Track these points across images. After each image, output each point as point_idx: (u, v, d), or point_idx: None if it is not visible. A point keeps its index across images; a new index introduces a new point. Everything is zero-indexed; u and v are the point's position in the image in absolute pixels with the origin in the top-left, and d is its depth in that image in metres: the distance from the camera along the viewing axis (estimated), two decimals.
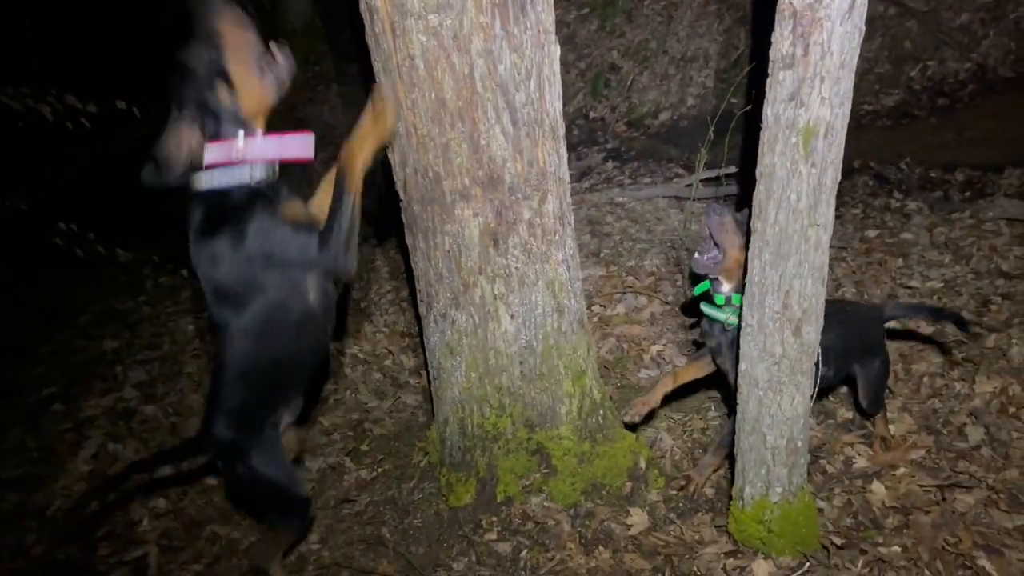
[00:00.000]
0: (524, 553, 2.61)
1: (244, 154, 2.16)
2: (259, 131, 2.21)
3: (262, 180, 2.19)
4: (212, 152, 2.15)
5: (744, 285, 2.28)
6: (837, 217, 5.03)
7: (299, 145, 2.25)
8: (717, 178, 4.96)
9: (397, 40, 2.16)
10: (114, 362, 4.53)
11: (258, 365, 2.32)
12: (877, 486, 2.77)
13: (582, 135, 7.58)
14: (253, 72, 2.17)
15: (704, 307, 2.69)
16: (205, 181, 2.17)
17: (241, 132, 2.16)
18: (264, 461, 2.41)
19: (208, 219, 2.20)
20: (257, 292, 2.23)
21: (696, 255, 2.59)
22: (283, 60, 2.22)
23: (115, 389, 4.23)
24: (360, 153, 2.25)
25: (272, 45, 2.22)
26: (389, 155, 2.47)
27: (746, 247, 2.24)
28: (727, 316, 2.59)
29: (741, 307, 2.35)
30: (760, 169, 2.02)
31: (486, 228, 2.40)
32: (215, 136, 2.15)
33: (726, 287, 2.61)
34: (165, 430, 3.80)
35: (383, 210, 2.57)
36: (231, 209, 2.17)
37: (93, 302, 5.30)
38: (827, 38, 1.77)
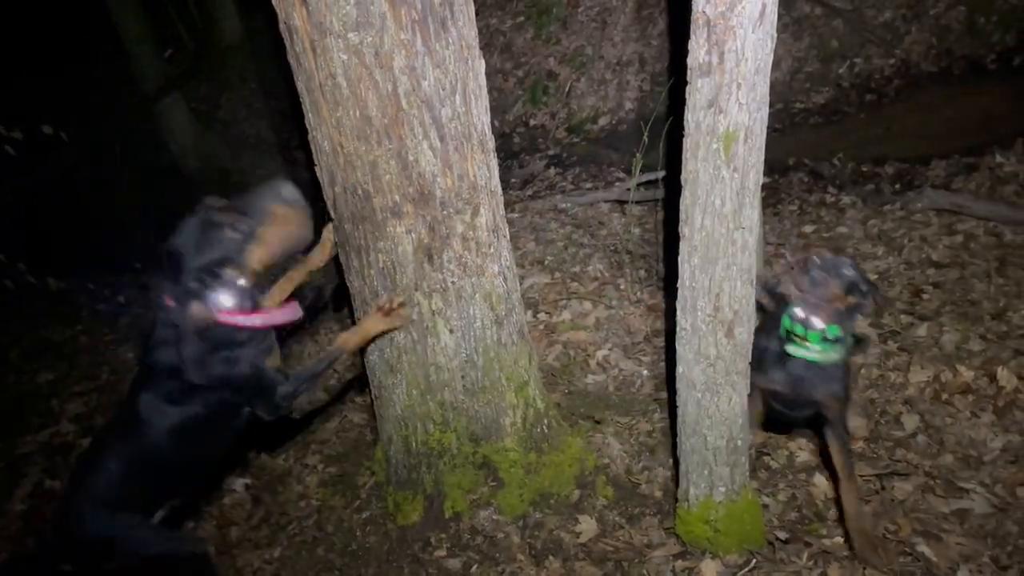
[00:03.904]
0: (474, 568, 2.60)
1: (246, 322, 2.26)
2: (258, 295, 2.33)
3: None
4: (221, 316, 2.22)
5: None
6: (775, 214, 5.17)
7: (289, 313, 2.40)
8: (655, 181, 5.01)
9: (318, 59, 2.14)
10: (50, 395, 4.39)
11: (170, 460, 2.35)
12: (819, 479, 2.82)
13: (523, 143, 7.61)
14: (281, 253, 2.30)
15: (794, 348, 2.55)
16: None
17: (247, 305, 2.26)
18: (137, 545, 2.36)
19: (212, 340, 2.24)
20: (210, 397, 2.29)
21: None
22: (295, 209, 2.28)
23: (51, 423, 4.11)
24: (355, 342, 2.51)
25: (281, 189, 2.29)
26: (317, 173, 2.44)
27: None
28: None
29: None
30: (685, 175, 2.04)
31: (419, 244, 2.39)
32: (221, 307, 2.22)
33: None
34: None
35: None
36: (232, 338, 2.26)
37: (24, 335, 5.13)
38: (741, 45, 1.80)
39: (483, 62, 2.33)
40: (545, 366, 3.69)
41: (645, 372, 3.59)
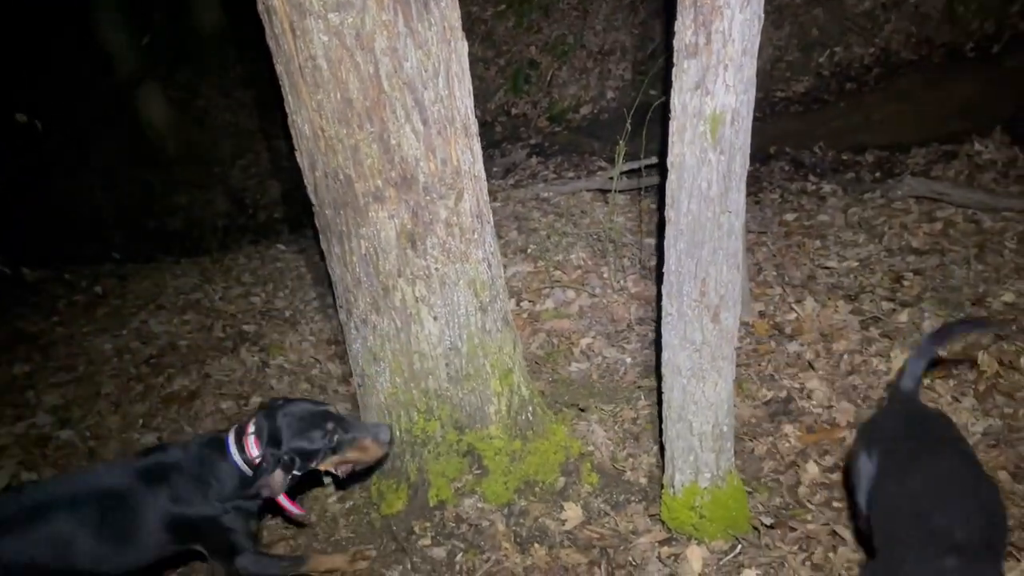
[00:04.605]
0: (459, 556, 2.58)
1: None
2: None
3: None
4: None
5: None
6: (756, 202, 5.18)
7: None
8: (638, 170, 5.00)
9: (298, 41, 2.09)
10: (25, 387, 4.32)
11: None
12: (804, 465, 2.82)
13: (505, 131, 7.59)
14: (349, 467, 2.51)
15: None
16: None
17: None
18: None
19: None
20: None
21: None
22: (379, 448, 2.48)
23: (27, 415, 4.04)
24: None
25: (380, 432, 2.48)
26: (298, 158, 2.40)
27: None
28: None
29: None
30: (671, 159, 2.02)
31: (402, 229, 2.35)
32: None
33: None
34: (82, 455, 3.64)
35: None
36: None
37: None
38: (728, 26, 1.78)
39: (466, 44, 2.29)
40: (529, 354, 3.68)
41: (628, 360, 3.59)
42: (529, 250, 4.75)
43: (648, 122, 4.01)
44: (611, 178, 5.25)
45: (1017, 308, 3.55)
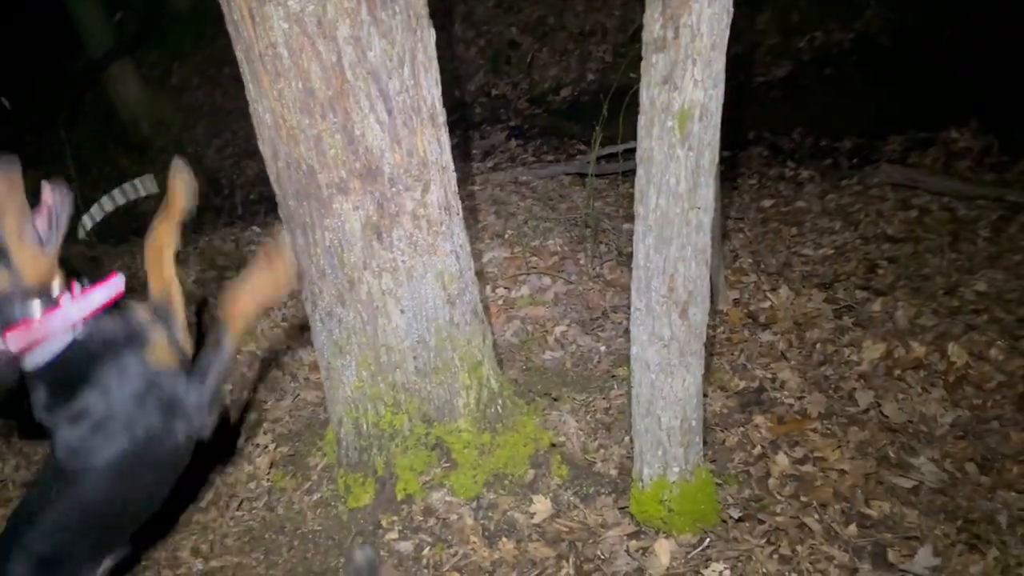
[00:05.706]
0: (427, 551, 2.56)
1: (50, 327, 1.94)
2: (56, 289, 2.00)
3: (84, 333, 2.02)
4: (13, 341, 1.89)
5: None
6: (734, 188, 5.16)
7: (106, 292, 2.11)
8: (616, 154, 4.96)
9: (257, 27, 2.03)
10: None
11: (103, 509, 2.08)
12: (774, 456, 2.83)
13: (485, 113, 7.52)
14: (27, 238, 1.90)
15: None
16: (28, 362, 1.95)
17: (36, 304, 1.93)
18: None
19: (56, 388, 2.00)
20: (122, 437, 2.03)
21: None
22: (58, 198, 1.97)
23: None
24: (246, 305, 2.23)
25: (43, 185, 1.95)
26: (260, 147, 2.35)
27: None
28: None
29: None
30: (639, 153, 2.00)
31: (368, 221, 2.31)
32: (8, 324, 1.89)
33: None
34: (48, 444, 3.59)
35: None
36: (83, 366, 2.00)
37: None
38: (696, 20, 1.74)
39: (433, 32, 2.24)
40: (503, 342, 3.65)
41: (603, 348, 3.57)
42: (506, 235, 4.70)
43: (626, 106, 3.97)
44: (589, 162, 5.22)
45: (989, 297, 3.58)
